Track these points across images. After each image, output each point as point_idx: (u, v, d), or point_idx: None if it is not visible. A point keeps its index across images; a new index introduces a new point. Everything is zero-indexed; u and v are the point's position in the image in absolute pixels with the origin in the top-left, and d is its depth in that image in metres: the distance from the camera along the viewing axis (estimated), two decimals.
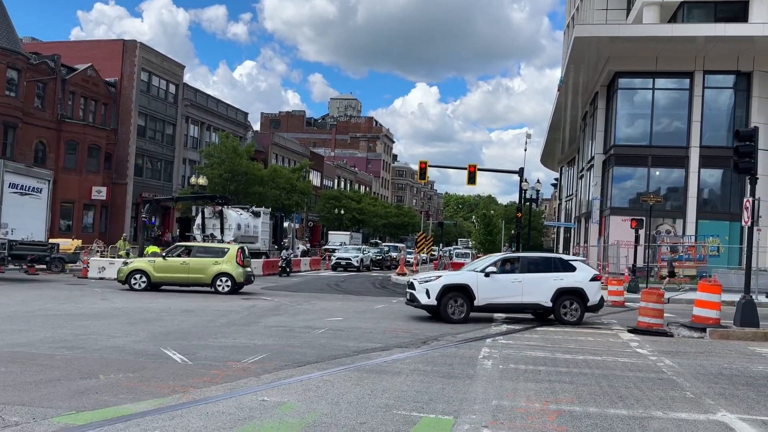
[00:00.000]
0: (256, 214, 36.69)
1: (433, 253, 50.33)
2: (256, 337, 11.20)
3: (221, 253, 20.25)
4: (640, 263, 27.03)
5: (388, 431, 5.75)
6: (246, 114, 64.39)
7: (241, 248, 20.79)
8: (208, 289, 20.01)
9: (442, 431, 5.81)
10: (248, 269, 20.77)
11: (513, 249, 45.80)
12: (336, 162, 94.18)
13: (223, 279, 19.82)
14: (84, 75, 43.26)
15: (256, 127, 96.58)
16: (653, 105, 33.16)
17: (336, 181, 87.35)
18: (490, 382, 8.01)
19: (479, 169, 40.25)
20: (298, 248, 45.33)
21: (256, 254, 34.91)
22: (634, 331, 13.35)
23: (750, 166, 13.47)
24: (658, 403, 7.14)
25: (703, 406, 7.09)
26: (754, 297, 14.96)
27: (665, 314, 13.99)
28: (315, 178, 75.04)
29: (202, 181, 40.84)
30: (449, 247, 71.24)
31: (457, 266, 47.26)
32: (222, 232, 32.35)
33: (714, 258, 29.81)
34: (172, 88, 51.82)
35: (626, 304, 19.83)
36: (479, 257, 55.86)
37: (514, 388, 7.67)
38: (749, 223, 13.79)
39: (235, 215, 34.15)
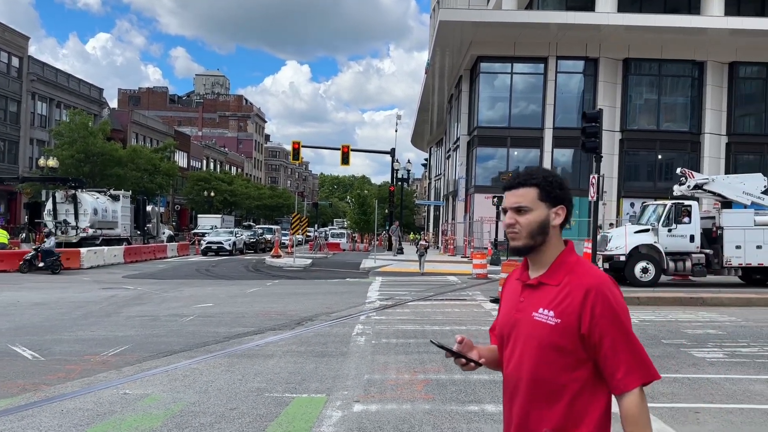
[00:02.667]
0: (115, 198, 34.42)
1: (308, 234, 50.11)
2: (116, 328, 10.58)
3: None
4: (501, 238, 28.72)
5: (260, 414, 5.69)
6: (101, 90, 59.94)
7: None
8: None
9: (314, 410, 5.84)
10: None
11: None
12: (204, 142, 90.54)
13: None
14: None
15: (113, 104, 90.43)
16: (512, 89, 34.98)
17: (205, 162, 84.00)
18: (363, 357, 8.17)
19: (352, 150, 40.54)
20: (164, 233, 43.28)
21: (116, 240, 32.89)
22: (495, 300, 14.16)
23: (595, 145, 14.68)
24: None
25: None
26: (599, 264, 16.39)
27: None
28: (181, 159, 71.69)
29: (52, 162, 37.61)
30: (325, 228, 71.31)
31: (333, 246, 47.71)
32: (76, 217, 30.04)
33: (566, 231, 32.24)
34: (15, 62, 46.95)
35: (489, 276, 20.98)
36: (354, 237, 56.58)
37: (386, 362, 7.88)
38: (595, 198, 15.05)
39: (90, 199, 31.80)
